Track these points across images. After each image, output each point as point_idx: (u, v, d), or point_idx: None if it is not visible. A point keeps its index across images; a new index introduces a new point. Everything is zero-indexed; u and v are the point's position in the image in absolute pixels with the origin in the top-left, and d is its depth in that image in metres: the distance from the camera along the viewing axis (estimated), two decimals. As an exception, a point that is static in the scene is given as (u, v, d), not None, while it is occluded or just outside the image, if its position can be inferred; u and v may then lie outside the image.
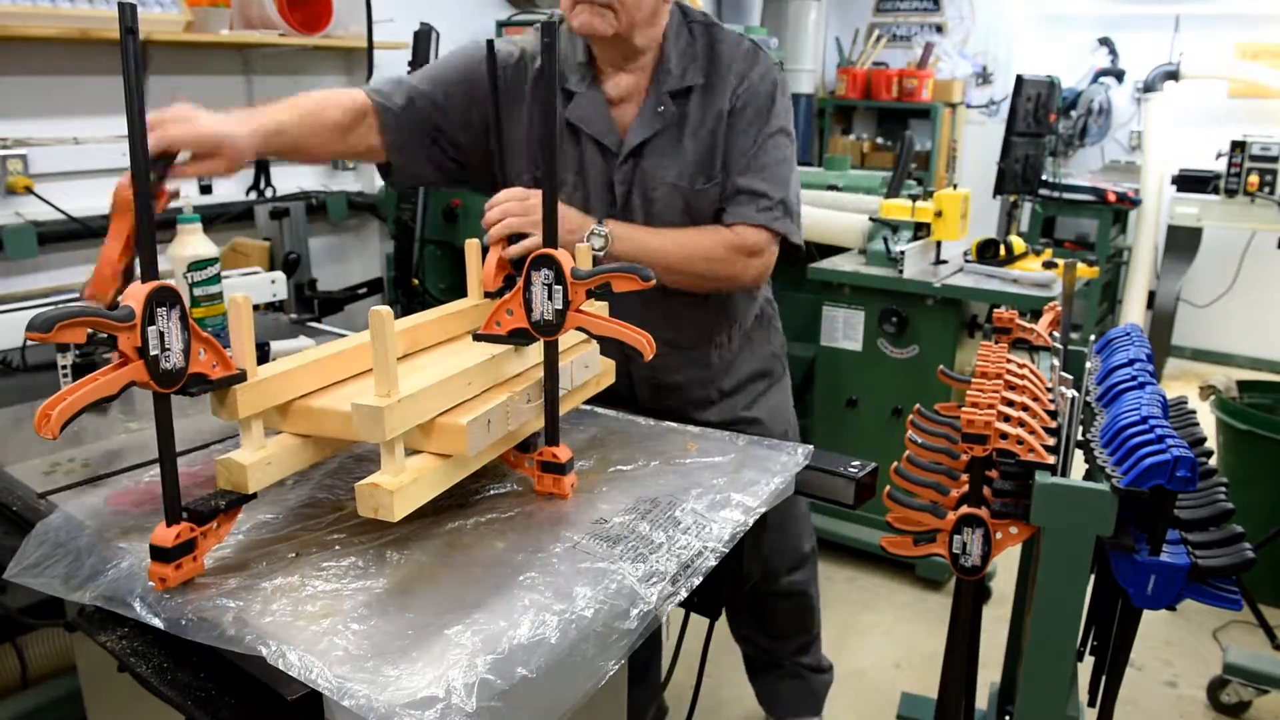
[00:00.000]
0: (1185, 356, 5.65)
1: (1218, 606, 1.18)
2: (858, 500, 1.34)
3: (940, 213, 2.92)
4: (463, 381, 1.11)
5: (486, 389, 1.16)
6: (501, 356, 1.19)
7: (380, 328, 0.99)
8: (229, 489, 1.03)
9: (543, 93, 1.47)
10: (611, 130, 1.63)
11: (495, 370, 1.18)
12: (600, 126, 1.63)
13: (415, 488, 1.02)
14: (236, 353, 1.05)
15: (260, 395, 1.06)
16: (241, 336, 1.05)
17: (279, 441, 1.10)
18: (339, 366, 1.19)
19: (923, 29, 6.23)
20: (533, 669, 0.86)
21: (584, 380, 1.34)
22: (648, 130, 1.61)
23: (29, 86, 2.86)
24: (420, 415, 1.04)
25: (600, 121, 1.63)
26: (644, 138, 1.61)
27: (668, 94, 1.60)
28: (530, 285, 1.14)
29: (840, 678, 2.61)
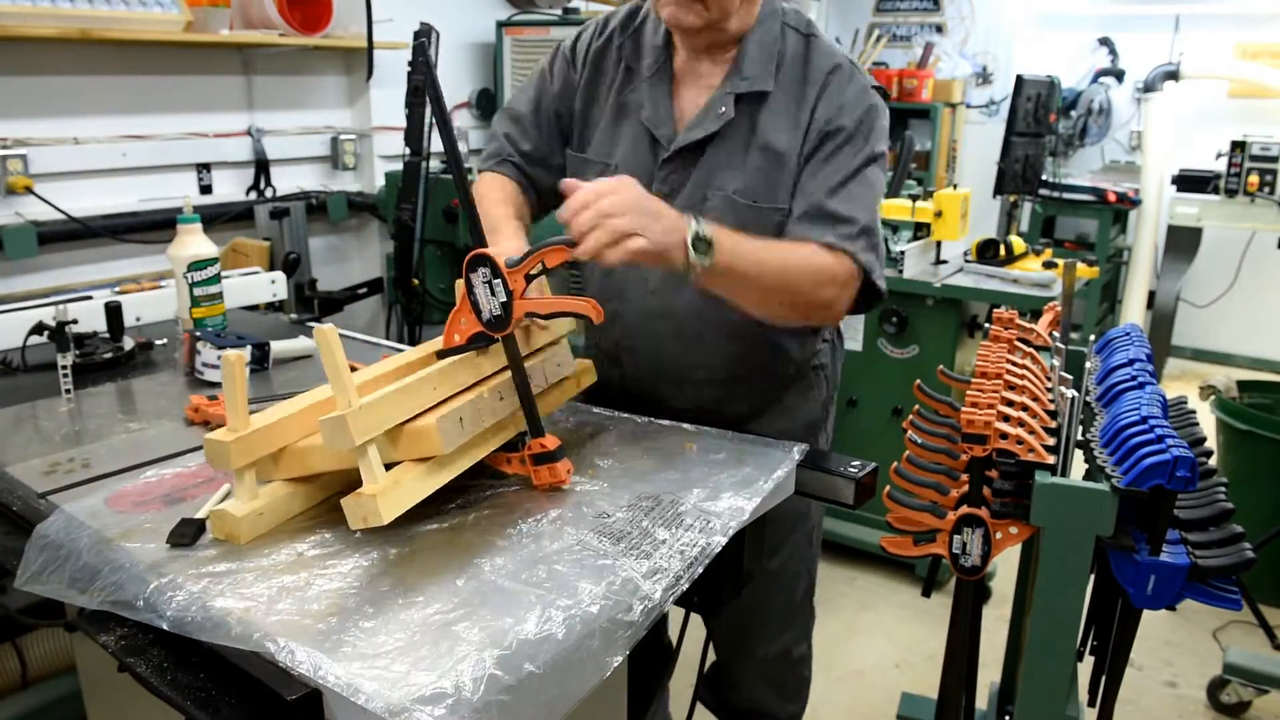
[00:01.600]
0: (1185, 356, 5.65)
1: (1218, 606, 1.18)
2: (858, 500, 1.34)
3: (940, 213, 2.92)
4: (427, 386, 1.13)
5: (456, 392, 1.17)
6: (465, 361, 1.21)
7: (326, 343, 1.01)
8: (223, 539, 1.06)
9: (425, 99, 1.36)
10: (668, 121, 1.47)
11: (459, 374, 1.19)
12: (654, 114, 1.47)
13: (399, 491, 1.03)
14: (230, 410, 1.07)
15: (252, 445, 1.09)
16: (236, 394, 1.07)
17: (271, 490, 1.12)
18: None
19: (923, 29, 6.23)
20: (539, 664, 0.86)
21: (559, 377, 1.35)
22: (701, 131, 1.44)
23: (29, 86, 2.86)
24: (387, 421, 1.06)
25: (656, 109, 1.47)
26: (696, 138, 1.44)
27: (733, 95, 1.43)
28: (472, 288, 1.16)
29: (840, 678, 2.61)
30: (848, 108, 1.42)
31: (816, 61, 1.45)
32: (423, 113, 3.34)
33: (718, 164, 1.45)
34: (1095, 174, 5.58)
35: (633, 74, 1.52)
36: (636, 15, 1.55)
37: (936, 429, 1.42)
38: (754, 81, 1.44)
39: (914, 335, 2.92)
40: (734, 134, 1.45)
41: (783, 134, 1.43)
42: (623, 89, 1.52)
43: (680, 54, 1.50)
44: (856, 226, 1.40)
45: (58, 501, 1.17)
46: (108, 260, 3.06)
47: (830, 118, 1.42)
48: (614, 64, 1.54)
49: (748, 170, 1.44)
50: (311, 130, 3.68)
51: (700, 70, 1.48)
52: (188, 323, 1.83)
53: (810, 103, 1.43)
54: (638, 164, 1.49)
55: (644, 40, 1.52)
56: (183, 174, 3.30)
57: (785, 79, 1.45)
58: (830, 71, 1.44)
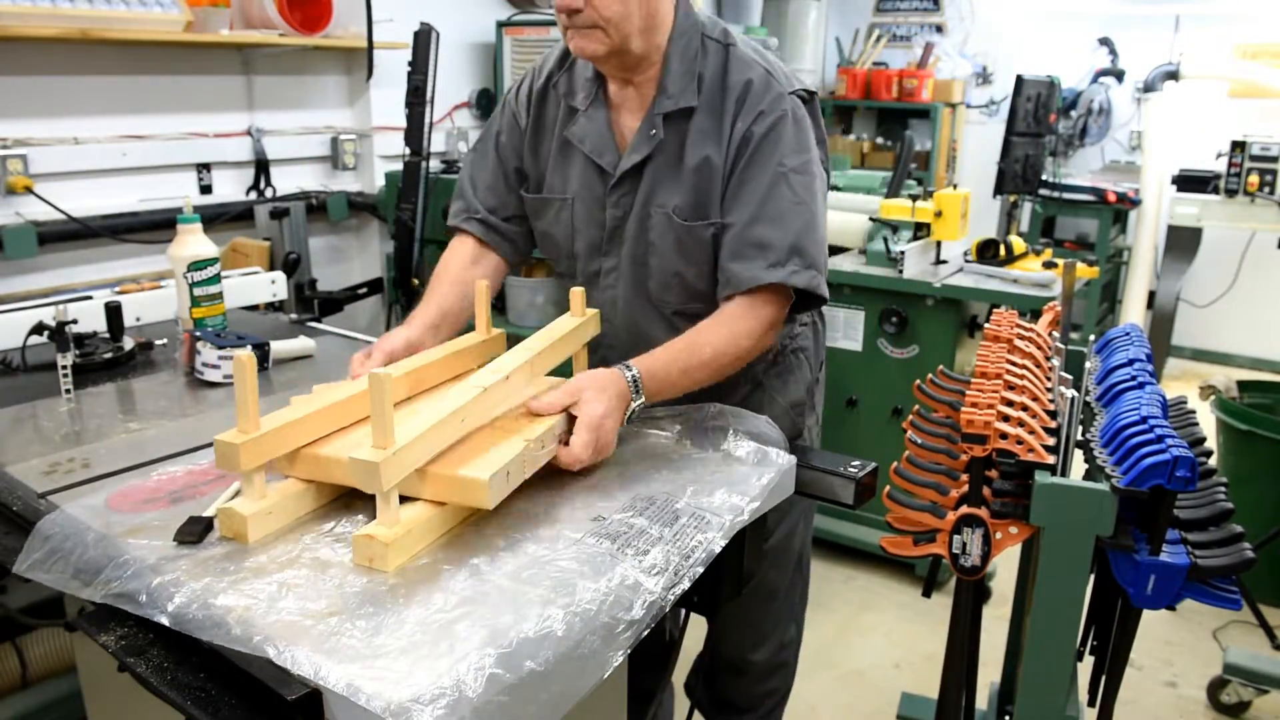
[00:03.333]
0: (1185, 356, 5.65)
1: (1218, 606, 1.18)
2: (858, 500, 1.34)
3: (940, 213, 2.92)
4: (456, 420, 1.13)
5: (480, 426, 1.19)
6: (493, 390, 1.21)
7: (379, 390, 1.01)
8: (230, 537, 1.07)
9: None
10: (610, 149, 1.52)
11: (488, 405, 1.20)
12: (596, 145, 1.53)
13: (408, 539, 1.04)
14: (240, 410, 1.07)
15: (263, 448, 1.09)
16: (246, 395, 1.07)
17: (280, 490, 1.12)
18: (341, 414, 1.21)
19: (923, 29, 6.23)
20: (540, 661, 0.86)
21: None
22: (639, 155, 1.49)
23: (29, 86, 2.86)
24: (416, 461, 1.06)
25: (598, 140, 1.53)
26: (635, 162, 1.49)
27: (660, 116, 1.47)
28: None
29: (840, 678, 2.61)
30: (760, 118, 1.44)
31: (734, 73, 1.47)
32: (422, 113, 3.34)
33: (657, 182, 1.50)
34: (1095, 174, 5.58)
35: (571, 109, 1.56)
36: (570, 53, 1.57)
37: (936, 429, 1.42)
38: (678, 99, 1.47)
39: (914, 335, 2.92)
40: (667, 152, 1.49)
41: (710, 148, 1.46)
42: (565, 125, 1.57)
43: (612, 83, 1.53)
44: (783, 249, 1.42)
45: (58, 501, 1.17)
46: (108, 260, 3.06)
47: (744, 129, 1.44)
48: (554, 104, 1.59)
49: (683, 186, 1.48)
50: (311, 130, 3.68)
51: (630, 96, 1.52)
52: (188, 323, 1.83)
53: (730, 115, 1.46)
54: (589, 194, 1.56)
55: (576, 75, 1.57)
56: (183, 174, 3.31)
57: (707, 93, 1.47)
58: (746, 83, 1.46)
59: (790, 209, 1.43)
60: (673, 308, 1.56)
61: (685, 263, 1.51)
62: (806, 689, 1.98)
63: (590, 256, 1.60)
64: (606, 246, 1.57)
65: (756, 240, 1.43)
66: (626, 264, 1.56)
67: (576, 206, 1.58)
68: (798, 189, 1.45)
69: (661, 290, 1.55)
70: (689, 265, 1.51)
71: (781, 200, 1.44)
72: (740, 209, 1.45)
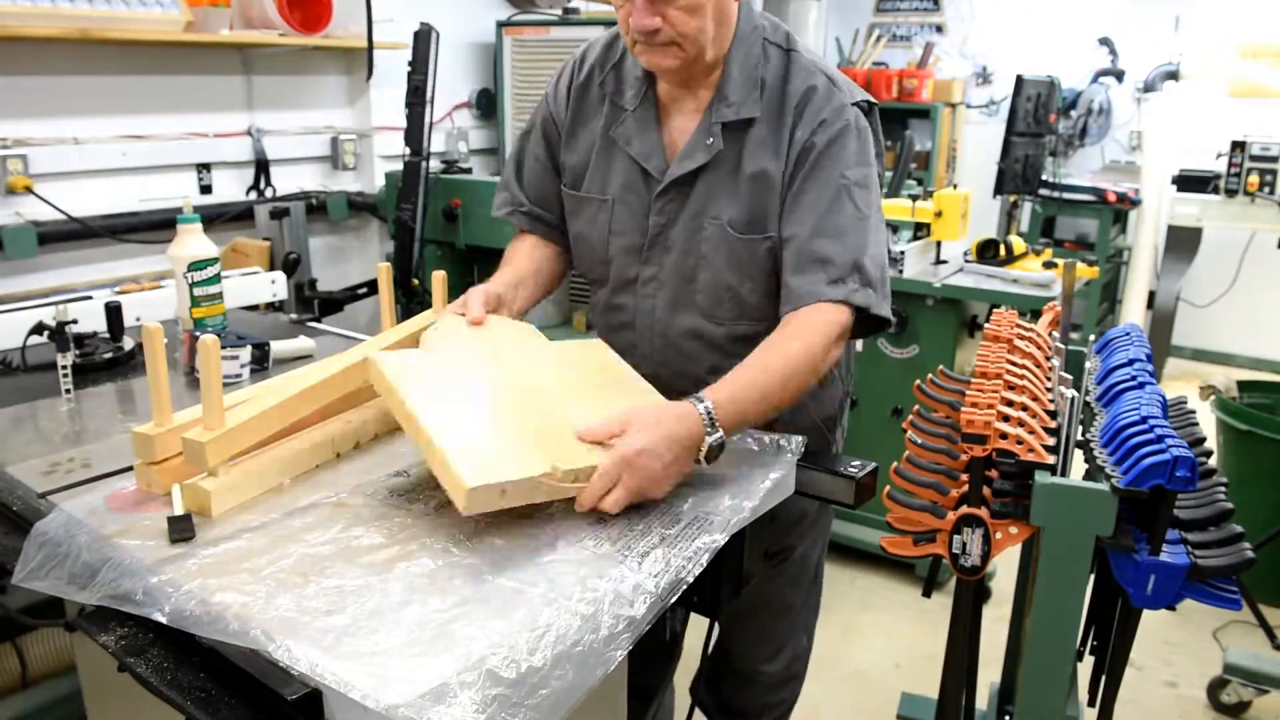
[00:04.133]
0: (1185, 356, 5.65)
1: (1218, 606, 1.18)
2: (858, 500, 1.34)
3: (940, 213, 2.92)
4: (279, 412, 1.20)
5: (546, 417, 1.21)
6: (324, 384, 1.27)
7: (206, 356, 1.08)
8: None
9: None
10: (658, 153, 1.47)
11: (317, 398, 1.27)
12: (643, 149, 1.47)
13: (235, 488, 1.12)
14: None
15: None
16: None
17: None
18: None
19: (923, 29, 6.23)
20: (540, 659, 0.86)
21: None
22: (693, 163, 1.43)
23: (29, 86, 2.86)
24: (245, 442, 1.15)
25: (645, 144, 1.47)
26: (688, 170, 1.44)
27: (719, 125, 1.42)
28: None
29: (840, 678, 2.61)
30: (823, 127, 1.40)
31: (795, 80, 1.43)
32: (422, 112, 3.34)
33: (710, 192, 1.45)
34: (1095, 174, 5.58)
35: (617, 108, 1.51)
36: (614, 47, 1.54)
37: (936, 429, 1.42)
38: (739, 109, 1.42)
39: (914, 335, 2.92)
40: (723, 162, 1.44)
41: (768, 160, 1.42)
42: (610, 124, 1.52)
43: (663, 84, 1.49)
44: (845, 265, 1.38)
45: (57, 501, 1.17)
46: (108, 260, 3.06)
47: (805, 138, 1.40)
48: (597, 100, 1.54)
49: (739, 198, 1.43)
50: (311, 130, 3.68)
51: (684, 98, 1.47)
52: (188, 323, 1.83)
53: (789, 125, 1.41)
54: (633, 198, 1.50)
55: (625, 73, 1.52)
56: (183, 174, 3.30)
57: (768, 102, 1.43)
58: (808, 90, 1.42)
59: (852, 224, 1.39)
60: (720, 322, 1.50)
61: (739, 277, 1.46)
62: (807, 689, 1.98)
63: (627, 263, 1.54)
64: (647, 254, 1.51)
65: (818, 255, 1.38)
66: (670, 275, 1.50)
67: (617, 209, 1.52)
68: (859, 203, 1.41)
69: (713, 306, 1.49)
70: (743, 280, 1.46)
71: (844, 214, 1.39)
72: (801, 222, 1.40)
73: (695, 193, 1.46)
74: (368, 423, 1.36)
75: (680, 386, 1.39)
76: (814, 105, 1.41)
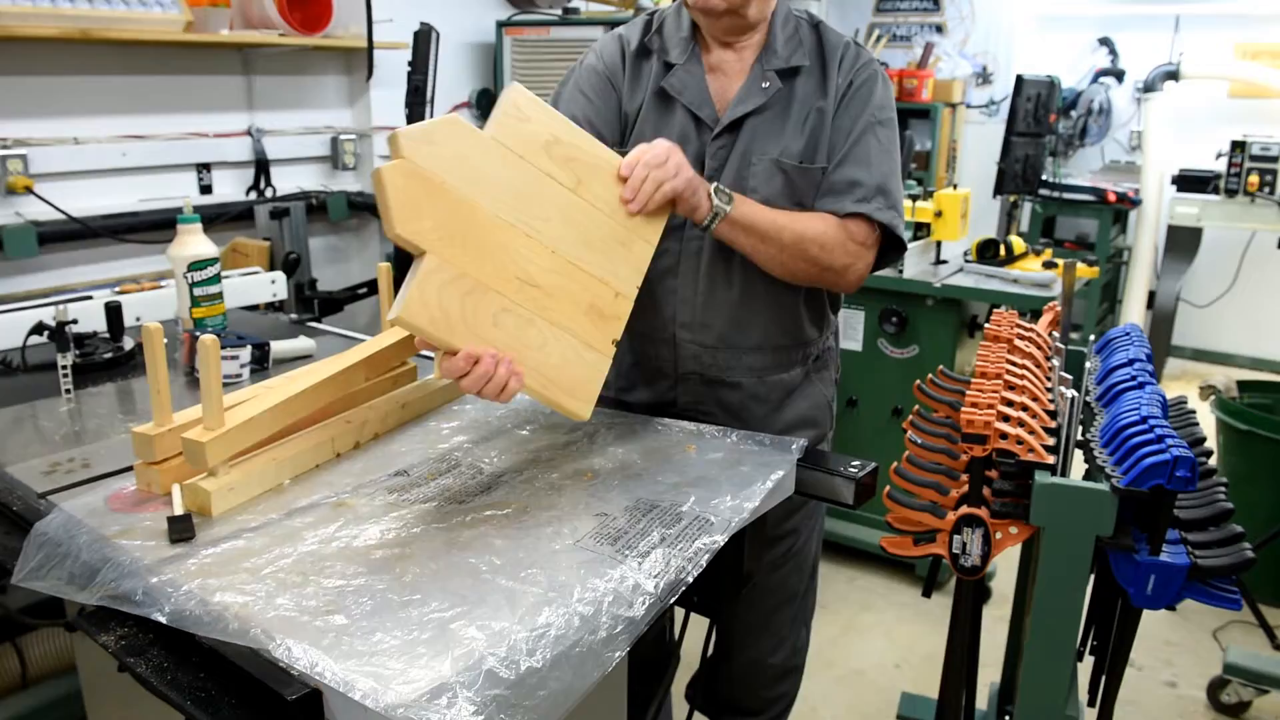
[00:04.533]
0: (1185, 356, 5.65)
1: (1218, 606, 1.18)
2: (858, 500, 1.34)
3: (940, 213, 2.92)
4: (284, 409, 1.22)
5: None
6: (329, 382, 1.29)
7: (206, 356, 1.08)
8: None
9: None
10: (708, 102, 1.58)
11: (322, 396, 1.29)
12: (695, 97, 1.58)
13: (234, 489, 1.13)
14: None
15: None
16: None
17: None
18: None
19: (923, 29, 6.23)
20: (539, 659, 0.86)
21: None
22: (749, 105, 1.55)
23: (29, 86, 2.86)
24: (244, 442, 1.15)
25: (696, 92, 1.58)
26: (746, 111, 1.55)
27: (774, 71, 1.56)
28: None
29: (840, 678, 2.61)
30: (859, 71, 1.57)
31: (830, 40, 1.60)
32: (423, 112, 3.34)
33: (759, 134, 1.56)
34: (1095, 174, 5.58)
35: (666, 65, 1.62)
36: (650, 23, 1.66)
37: (936, 429, 1.42)
38: (788, 59, 1.57)
39: (914, 335, 2.92)
40: (775, 105, 1.56)
41: (819, 99, 1.57)
42: (659, 79, 1.61)
43: (707, 45, 1.61)
44: (871, 188, 1.53)
45: (57, 501, 1.17)
46: (108, 260, 3.06)
47: (845, 81, 1.57)
48: (649, 61, 1.65)
49: (788, 135, 1.56)
50: (311, 130, 3.68)
51: (727, 58, 1.60)
52: (188, 323, 1.83)
53: (835, 72, 1.58)
54: (688, 147, 1.57)
55: (668, 35, 1.63)
56: (183, 174, 3.30)
57: (812, 54, 1.59)
58: (845, 44, 1.60)
59: (878, 154, 1.55)
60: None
61: (792, 205, 1.56)
62: (807, 689, 1.98)
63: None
64: None
65: (847, 179, 1.53)
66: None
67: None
68: (884, 139, 1.56)
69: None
70: (792, 206, 1.56)
71: (870, 146, 1.55)
72: (833, 153, 1.55)
73: (742, 135, 1.57)
74: (368, 423, 1.36)
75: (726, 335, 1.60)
76: (851, 55, 1.59)
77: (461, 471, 1.26)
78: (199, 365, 1.10)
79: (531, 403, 1.53)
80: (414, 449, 1.34)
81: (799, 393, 1.69)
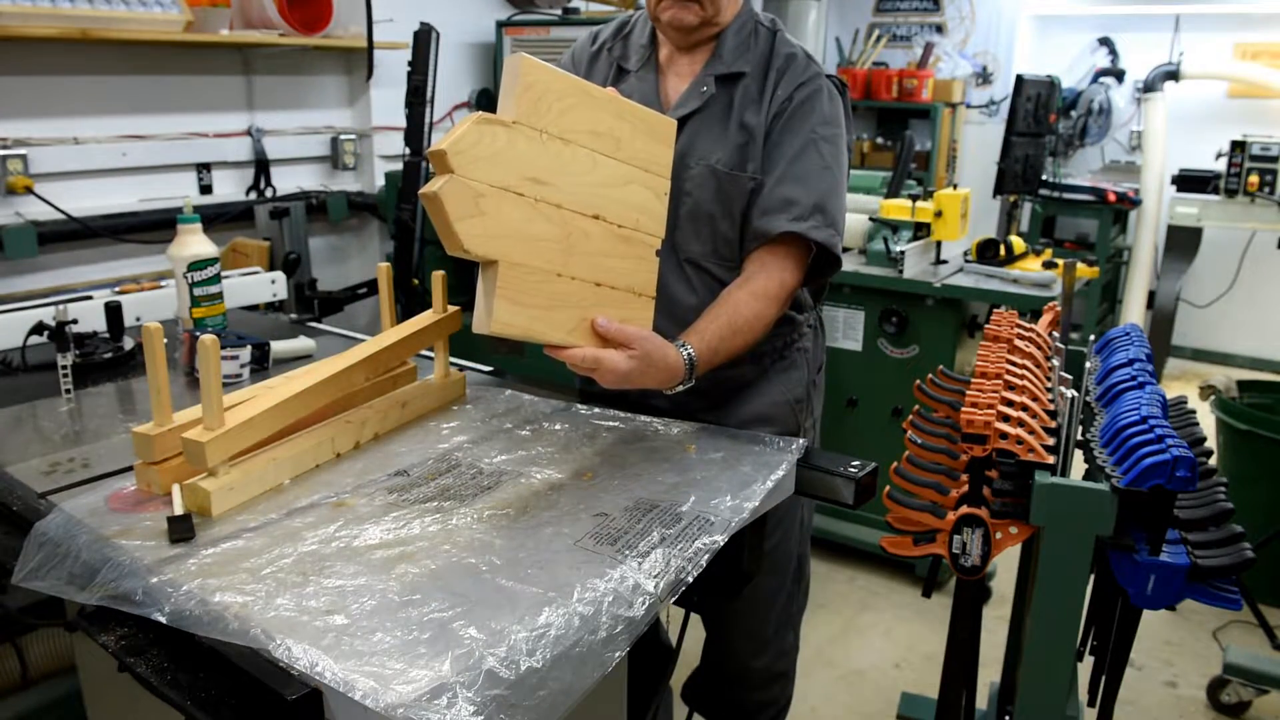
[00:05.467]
0: (1185, 356, 5.65)
1: (1218, 606, 1.18)
2: (858, 500, 1.34)
3: (940, 213, 2.92)
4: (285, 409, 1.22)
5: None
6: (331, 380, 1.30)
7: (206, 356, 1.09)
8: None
9: None
10: (655, 105, 1.59)
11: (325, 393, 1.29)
12: (644, 100, 1.55)
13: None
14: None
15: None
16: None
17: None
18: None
19: (923, 29, 6.23)
20: (538, 659, 0.86)
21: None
22: (687, 108, 1.58)
23: (29, 86, 2.86)
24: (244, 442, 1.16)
25: (645, 98, 1.58)
26: (683, 114, 1.57)
27: (713, 76, 1.58)
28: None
29: (840, 678, 2.61)
30: (800, 88, 1.56)
31: (779, 50, 1.60)
32: (422, 112, 3.34)
33: (699, 137, 1.58)
34: (1095, 174, 5.58)
35: (623, 71, 1.67)
36: (625, 26, 1.73)
37: (936, 429, 1.42)
38: (731, 65, 1.58)
39: (914, 335, 2.92)
40: (714, 110, 1.58)
41: (752, 114, 1.57)
42: (615, 84, 1.63)
43: (664, 49, 1.65)
44: (807, 206, 1.52)
45: (57, 501, 1.17)
46: (108, 260, 3.06)
47: (784, 96, 1.56)
48: (606, 65, 1.71)
49: (727, 143, 1.57)
50: (311, 130, 3.68)
51: (682, 62, 1.64)
52: (188, 323, 1.83)
53: (771, 84, 1.58)
54: None
55: (631, 42, 1.69)
56: (183, 174, 3.30)
57: (756, 63, 1.60)
58: (789, 56, 1.59)
59: (817, 172, 1.54)
60: (692, 255, 1.61)
61: (721, 211, 1.57)
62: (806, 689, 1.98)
63: None
64: None
65: (783, 197, 1.53)
66: None
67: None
68: (825, 155, 1.55)
69: (688, 238, 1.60)
70: (724, 215, 1.58)
71: (810, 163, 1.54)
72: (772, 169, 1.55)
73: (684, 135, 1.57)
74: (368, 423, 1.36)
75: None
76: (793, 69, 1.58)
77: (461, 471, 1.26)
78: (199, 365, 1.10)
79: (532, 403, 1.53)
80: (414, 449, 1.34)
81: (753, 390, 1.70)
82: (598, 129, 1.27)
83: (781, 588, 1.82)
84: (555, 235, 1.20)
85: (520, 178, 1.16)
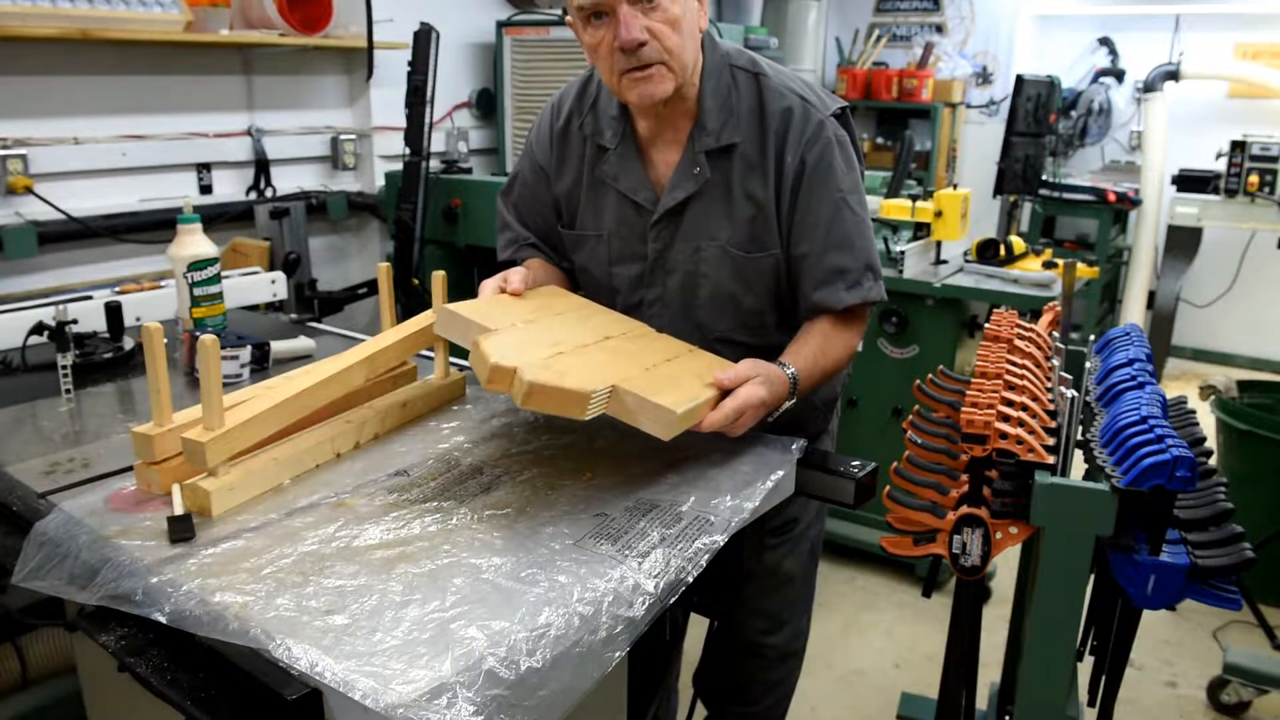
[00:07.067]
0: (1185, 356, 5.65)
1: (1218, 606, 1.18)
2: (858, 500, 1.34)
3: (940, 213, 2.92)
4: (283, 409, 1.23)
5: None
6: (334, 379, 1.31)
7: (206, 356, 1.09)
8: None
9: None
10: (645, 186, 1.52)
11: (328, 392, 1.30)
12: (632, 183, 1.53)
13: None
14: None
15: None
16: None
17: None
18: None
19: (923, 29, 6.23)
20: (539, 659, 0.86)
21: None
22: (683, 192, 1.49)
23: (29, 86, 2.86)
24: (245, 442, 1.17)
25: (632, 178, 1.53)
26: (679, 199, 1.50)
27: (704, 154, 1.47)
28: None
29: (840, 678, 2.62)
30: (809, 147, 1.46)
31: (770, 105, 1.47)
32: (423, 112, 3.34)
33: (704, 217, 1.51)
34: (1095, 174, 5.58)
35: (599, 148, 1.55)
36: (587, 90, 1.59)
37: (936, 429, 1.42)
38: (719, 135, 1.47)
39: (914, 335, 2.92)
40: (713, 188, 1.49)
41: (757, 184, 1.48)
42: (594, 164, 1.57)
43: (641, 122, 1.53)
44: (858, 270, 1.50)
45: (57, 501, 1.17)
46: (108, 260, 3.06)
47: (795, 161, 1.46)
48: (578, 141, 1.59)
49: (735, 220, 1.49)
50: (311, 130, 3.68)
51: (663, 131, 1.52)
52: (188, 323, 1.83)
53: (773, 149, 1.47)
54: (627, 230, 1.56)
55: (600, 113, 1.55)
56: (183, 174, 3.30)
57: (746, 127, 1.48)
58: (784, 112, 1.47)
59: (855, 231, 1.50)
60: (721, 333, 1.57)
61: (743, 289, 1.53)
62: (806, 689, 1.98)
63: (631, 289, 1.60)
64: (649, 279, 1.57)
65: (833, 268, 1.49)
66: (674, 294, 1.56)
67: (613, 242, 1.58)
68: (855, 208, 1.51)
69: (713, 317, 1.56)
70: (746, 292, 1.54)
71: (846, 225, 1.49)
72: (810, 239, 1.49)
73: (688, 217, 1.51)
74: (368, 423, 1.36)
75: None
76: (795, 128, 1.46)
77: (461, 471, 1.26)
78: (199, 365, 1.10)
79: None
80: (414, 449, 1.34)
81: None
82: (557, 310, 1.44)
83: (799, 568, 1.82)
84: (605, 360, 1.30)
85: (549, 345, 1.26)
